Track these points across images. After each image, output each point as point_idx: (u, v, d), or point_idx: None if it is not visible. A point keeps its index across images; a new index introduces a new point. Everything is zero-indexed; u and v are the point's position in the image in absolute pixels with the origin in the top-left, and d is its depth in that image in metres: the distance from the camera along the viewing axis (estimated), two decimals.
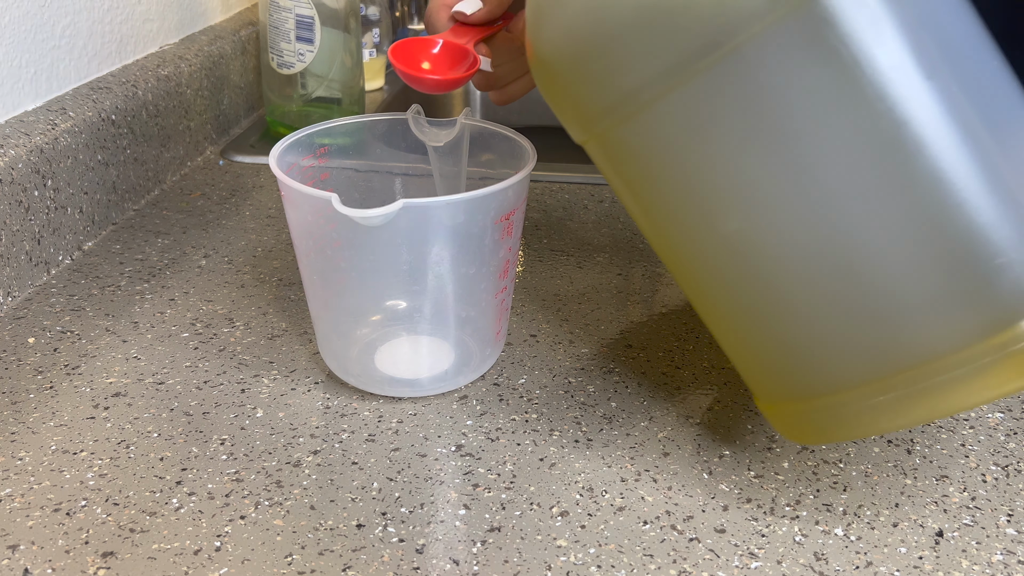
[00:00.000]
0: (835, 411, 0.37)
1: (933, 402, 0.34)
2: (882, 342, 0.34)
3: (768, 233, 0.35)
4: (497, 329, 0.50)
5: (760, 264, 0.35)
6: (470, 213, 0.44)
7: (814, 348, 0.36)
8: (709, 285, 0.38)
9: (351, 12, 0.81)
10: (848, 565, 0.38)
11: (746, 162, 0.34)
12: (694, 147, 0.34)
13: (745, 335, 0.38)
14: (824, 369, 0.36)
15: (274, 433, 0.45)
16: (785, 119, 0.33)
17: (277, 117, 0.83)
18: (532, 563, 0.38)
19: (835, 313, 0.35)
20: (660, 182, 0.36)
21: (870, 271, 0.34)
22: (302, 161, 0.48)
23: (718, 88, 0.33)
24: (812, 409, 0.37)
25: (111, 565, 0.37)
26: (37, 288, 0.58)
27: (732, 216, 0.35)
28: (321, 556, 0.38)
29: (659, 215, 0.38)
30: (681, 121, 0.34)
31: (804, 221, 0.34)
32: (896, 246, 0.33)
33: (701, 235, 0.36)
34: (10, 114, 0.60)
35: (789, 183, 0.33)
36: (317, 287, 0.48)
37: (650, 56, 0.33)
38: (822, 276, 0.34)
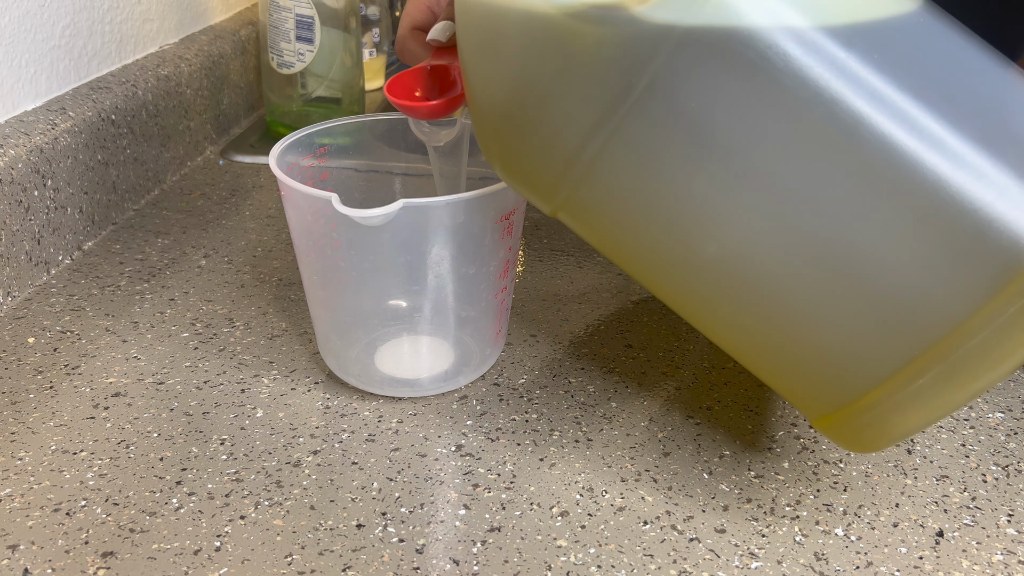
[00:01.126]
0: (884, 407, 0.35)
1: (975, 371, 0.33)
2: (897, 326, 0.33)
3: (745, 248, 0.34)
4: (497, 329, 0.50)
5: (751, 281, 0.35)
6: (470, 213, 0.44)
7: (834, 351, 0.35)
8: (716, 316, 0.38)
9: (351, 12, 0.81)
10: (848, 565, 0.38)
11: (701, 185, 0.34)
12: (648, 184, 0.34)
13: (768, 356, 0.38)
14: (852, 369, 0.35)
15: (274, 433, 0.45)
16: (720, 134, 0.32)
17: (277, 117, 0.83)
18: (532, 563, 0.38)
19: (840, 309, 0.34)
20: (631, 230, 0.36)
21: (858, 257, 0.33)
22: (302, 161, 0.48)
23: (648, 124, 0.33)
24: (859, 412, 0.36)
25: (111, 565, 0.37)
26: (37, 288, 0.58)
27: (707, 241, 0.35)
28: (321, 556, 0.38)
29: (643, 263, 0.38)
30: (627, 166, 0.34)
31: (774, 226, 0.33)
32: (876, 226, 0.32)
33: (688, 269, 0.36)
34: (10, 114, 0.60)
35: (747, 195, 0.33)
36: (317, 287, 0.48)
37: (576, 115, 0.34)
38: (812, 276, 0.34)
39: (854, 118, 0.31)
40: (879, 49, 0.33)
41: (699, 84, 0.32)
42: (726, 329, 0.38)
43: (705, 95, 0.32)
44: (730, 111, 0.32)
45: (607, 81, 0.33)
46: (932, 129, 0.32)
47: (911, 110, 0.32)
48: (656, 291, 0.39)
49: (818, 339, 0.35)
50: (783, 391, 0.39)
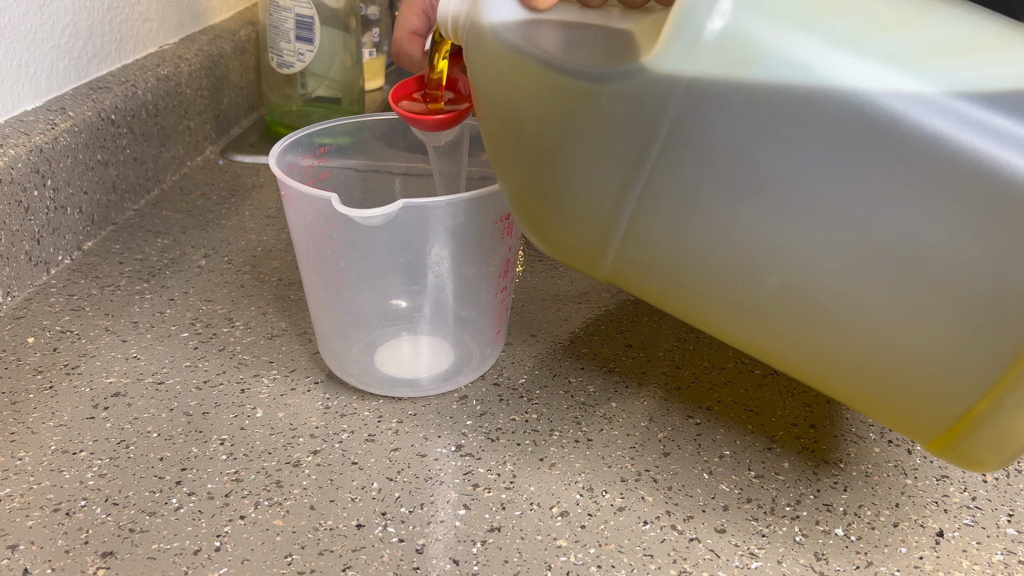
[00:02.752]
0: (997, 416, 0.33)
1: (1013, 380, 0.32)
2: (990, 324, 0.31)
3: (807, 272, 0.33)
4: (497, 329, 0.49)
5: (821, 306, 0.33)
6: (470, 213, 0.44)
7: (928, 364, 0.33)
8: (794, 351, 0.36)
9: (351, 12, 0.80)
10: (848, 565, 0.38)
11: (747, 219, 0.33)
12: (693, 232, 0.34)
13: (859, 383, 0.36)
14: (954, 380, 0.33)
15: (274, 433, 0.45)
16: (754, 167, 0.32)
17: (277, 117, 0.83)
18: (532, 563, 0.38)
19: (924, 319, 0.32)
20: (688, 280, 0.35)
21: (928, 260, 0.31)
22: (302, 161, 0.48)
23: (680, 170, 0.32)
24: (973, 426, 0.34)
25: (111, 565, 0.37)
26: (37, 288, 0.58)
27: (765, 274, 0.33)
28: (321, 556, 0.38)
29: (706, 311, 0.36)
30: (667, 216, 0.34)
31: (832, 244, 0.32)
32: (940, 222, 0.31)
33: (753, 308, 0.35)
34: (10, 114, 0.60)
35: (797, 219, 0.32)
36: (317, 287, 0.48)
37: (604, 176, 0.33)
38: (884, 290, 0.32)
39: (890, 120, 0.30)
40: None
41: (718, 121, 0.31)
42: (807, 362, 0.36)
43: (726, 130, 0.31)
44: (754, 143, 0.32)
45: (628, 135, 0.32)
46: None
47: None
48: (728, 338, 0.37)
49: (907, 356, 0.33)
50: (888, 420, 0.37)
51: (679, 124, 0.32)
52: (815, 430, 0.46)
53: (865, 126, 0.31)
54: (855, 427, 0.47)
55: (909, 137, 0.30)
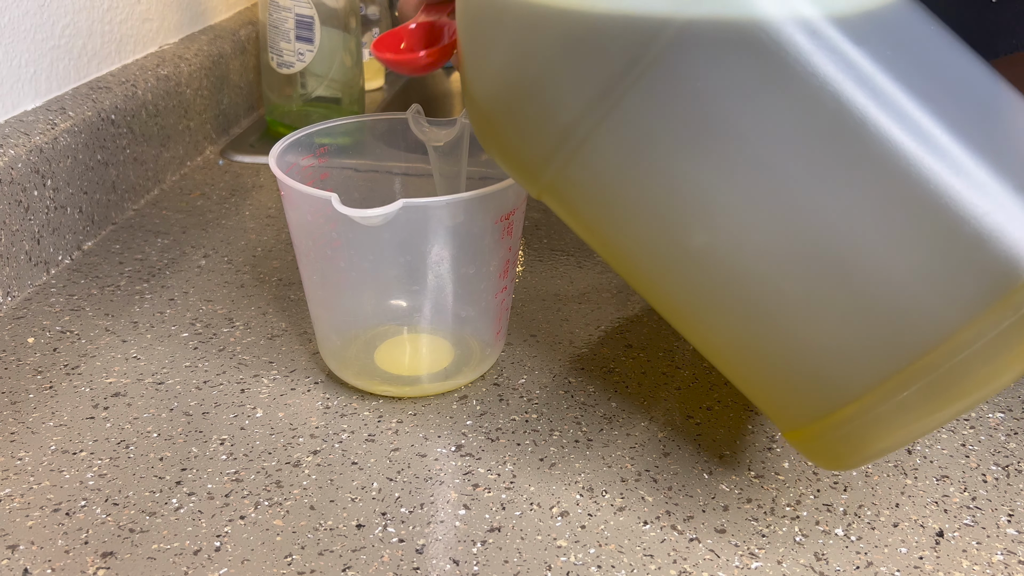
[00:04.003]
0: (863, 421, 0.34)
1: (962, 386, 0.32)
2: (887, 333, 0.32)
3: (736, 241, 0.33)
4: (497, 329, 0.49)
5: (738, 277, 0.34)
6: (470, 213, 0.44)
7: (818, 356, 0.34)
8: (696, 314, 0.36)
9: (351, 12, 0.80)
10: (848, 565, 0.38)
11: (696, 171, 0.33)
12: (640, 169, 0.34)
13: (746, 360, 0.36)
14: (834, 378, 0.34)
15: (274, 433, 0.45)
16: (723, 120, 0.32)
17: (277, 117, 0.83)
18: (532, 563, 0.38)
19: (828, 313, 0.33)
20: (618, 216, 0.35)
21: (852, 260, 0.32)
22: (302, 161, 0.48)
23: (648, 103, 0.32)
24: (838, 425, 0.34)
25: (111, 565, 0.37)
26: (37, 288, 0.58)
27: (697, 230, 0.34)
28: (321, 556, 0.38)
29: (627, 251, 0.37)
30: (621, 146, 0.34)
31: (769, 221, 0.32)
32: (873, 227, 0.31)
33: (672, 260, 0.35)
34: (9, 114, 0.60)
35: (744, 186, 0.32)
36: (317, 287, 0.48)
37: (575, 88, 0.33)
38: (802, 277, 0.33)
39: (860, 117, 0.31)
40: (887, 43, 0.32)
41: (704, 69, 0.31)
42: (704, 328, 0.37)
43: (710, 80, 0.32)
44: (735, 98, 0.32)
45: (608, 58, 0.32)
46: (936, 134, 0.31)
47: (916, 113, 0.31)
48: (637, 284, 0.38)
49: (801, 344, 0.34)
50: (756, 399, 0.38)
51: (661, 59, 0.32)
52: None
53: (777, 60, 0.31)
54: None
55: (801, 73, 0.31)
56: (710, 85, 0.32)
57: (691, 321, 0.37)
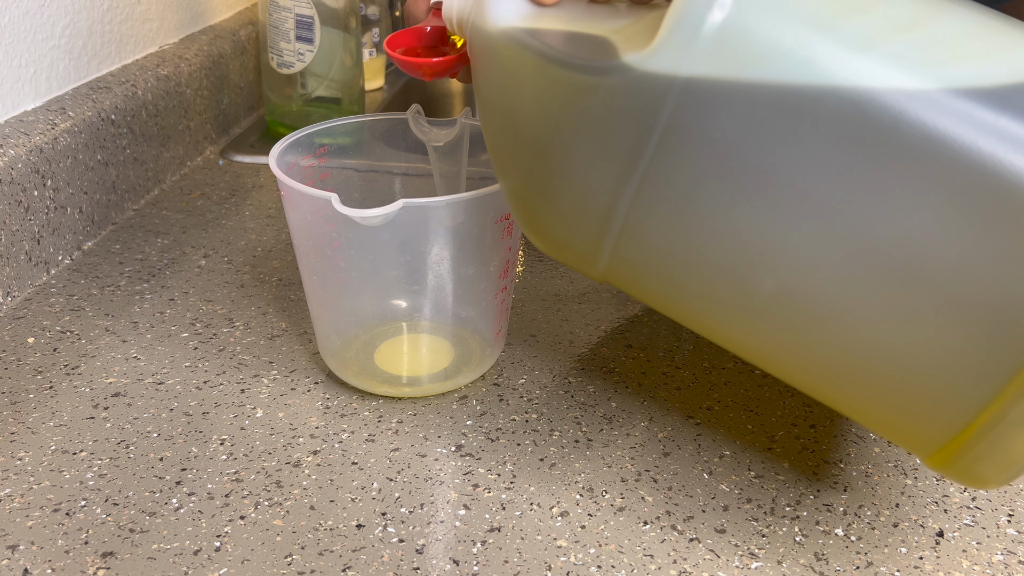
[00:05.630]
0: (999, 430, 0.32)
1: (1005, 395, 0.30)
2: (998, 334, 0.30)
3: (805, 277, 0.32)
4: (497, 329, 0.50)
5: (820, 313, 0.32)
6: (470, 213, 0.44)
7: (930, 373, 0.32)
8: (793, 358, 0.35)
9: (351, 12, 0.80)
10: (848, 565, 0.38)
11: (743, 218, 0.32)
12: (689, 230, 0.33)
13: (859, 396, 0.34)
14: (956, 390, 0.32)
15: (274, 433, 0.45)
16: (749, 165, 0.32)
17: (277, 117, 0.83)
18: (532, 563, 0.38)
19: (926, 327, 0.31)
20: (684, 280, 0.35)
21: (938, 268, 0.30)
22: (302, 161, 0.48)
23: (676, 166, 0.32)
24: (975, 440, 0.32)
25: (111, 565, 0.37)
26: (37, 288, 0.58)
27: (763, 277, 0.33)
28: (321, 556, 0.38)
29: (703, 313, 0.36)
30: (663, 213, 0.33)
31: (830, 248, 0.31)
32: (952, 233, 0.30)
33: (749, 311, 0.34)
34: (10, 114, 0.60)
35: (793, 222, 0.32)
36: (317, 287, 0.48)
37: (600, 170, 0.33)
38: (887, 297, 0.31)
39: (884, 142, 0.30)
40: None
41: (714, 118, 0.31)
42: (806, 369, 0.35)
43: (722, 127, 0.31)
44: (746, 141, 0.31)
45: (624, 130, 0.32)
46: None
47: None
48: (726, 340, 0.37)
49: (907, 362, 0.32)
50: (887, 431, 0.36)
51: (675, 121, 0.32)
52: (815, 430, 0.46)
53: (866, 125, 0.30)
54: (855, 427, 0.47)
55: (910, 136, 0.30)
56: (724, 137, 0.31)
57: (789, 364, 0.36)
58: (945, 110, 0.30)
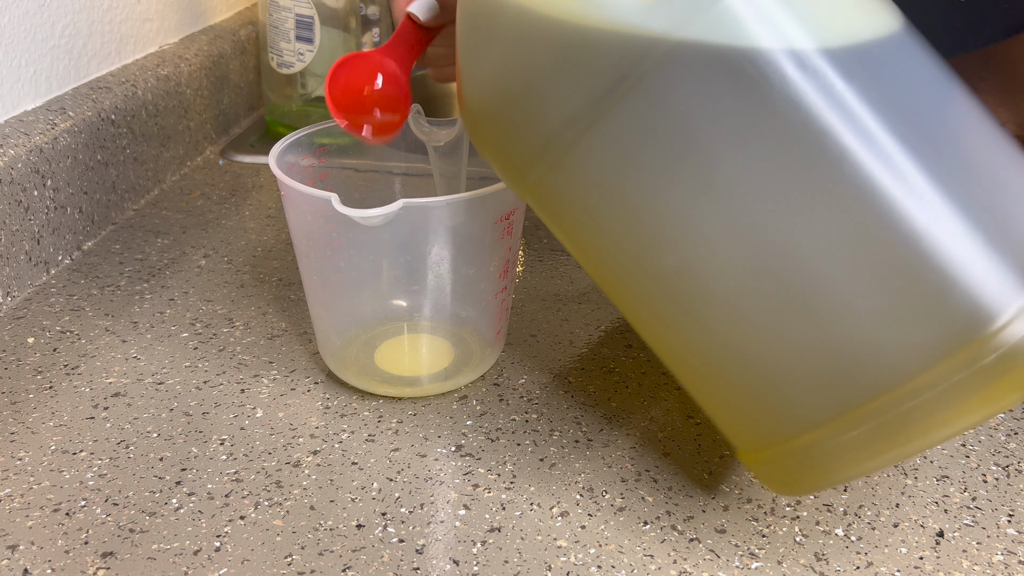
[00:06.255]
0: (812, 453, 0.34)
1: (911, 431, 0.32)
2: (844, 371, 0.33)
3: (707, 264, 0.33)
4: (497, 329, 0.49)
5: (705, 299, 0.34)
6: (470, 213, 0.44)
7: (776, 386, 0.34)
8: (664, 331, 0.37)
9: (351, 12, 0.80)
10: (848, 565, 0.38)
11: (673, 192, 0.33)
12: (620, 183, 0.34)
13: (708, 380, 0.37)
14: (792, 407, 0.34)
15: (274, 433, 0.45)
16: (703, 144, 0.32)
17: (277, 117, 0.83)
18: (532, 563, 0.38)
19: (789, 343, 0.33)
20: (596, 226, 0.36)
21: (817, 294, 0.32)
22: (302, 161, 0.48)
23: (633, 119, 0.33)
24: (787, 453, 0.35)
25: (111, 565, 0.37)
26: (37, 288, 0.58)
27: (669, 250, 0.34)
28: (321, 556, 0.38)
29: (602, 260, 0.37)
30: (604, 158, 0.34)
31: (740, 247, 0.32)
32: (842, 267, 0.31)
33: (644, 275, 0.35)
34: (9, 114, 0.60)
35: (719, 210, 0.32)
36: (317, 287, 0.48)
37: (564, 96, 0.34)
38: (768, 305, 0.33)
39: (840, 152, 0.31)
40: (873, 79, 0.32)
41: (689, 91, 0.32)
42: (669, 343, 0.37)
43: (694, 103, 0.32)
44: (717, 123, 0.32)
45: (601, 66, 0.33)
46: (914, 179, 0.31)
47: (897, 154, 0.31)
48: (610, 293, 0.38)
49: (764, 371, 0.34)
50: (714, 416, 0.38)
51: (648, 78, 0.32)
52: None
53: (763, 90, 0.31)
54: None
55: (785, 104, 0.31)
56: (694, 108, 0.32)
57: (657, 333, 0.37)
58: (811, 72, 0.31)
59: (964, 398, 0.31)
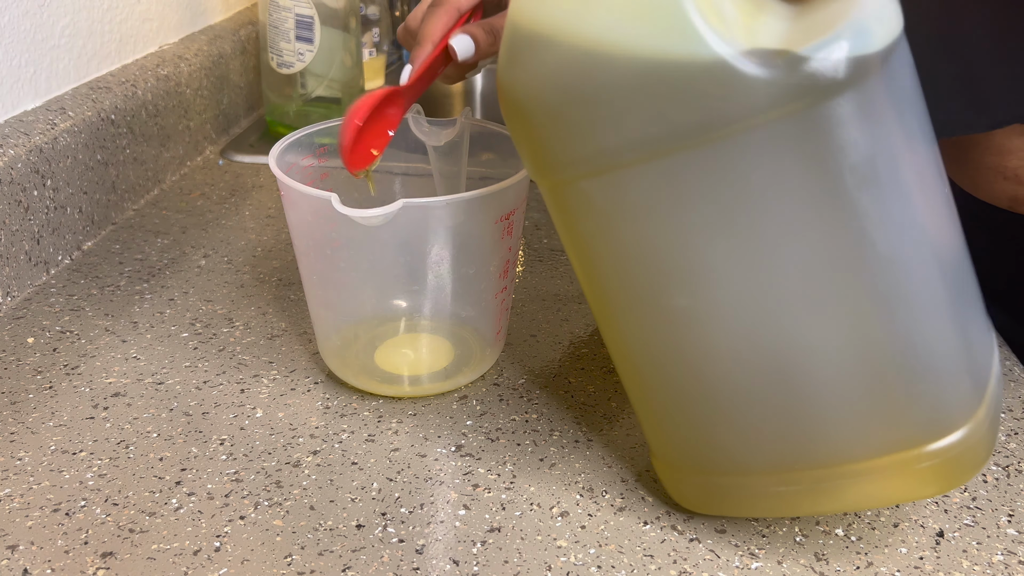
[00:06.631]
0: (735, 490, 0.38)
1: (829, 499, 0.36)
2: (799, 439, 0.35)
3: (713, 317, 0.34)
4: (497, 329, 0.49)
5: (698, 343, 0.35)
6: (470, 213, 0.44)
7: (730, 430, 0.36)
8: (640, 350, 0.37)
9: (351, 11, 0.80)
10: (848, 565, 0.38)
11: (709, 245, 0.33)
12: (660, 218, 0.33)
13: (664, 403, 0.38)
14: (736, 451, 0.37)
15: (274, 433, 0.45)
16: (758, 213, 0.32)
17: (277, 117, 0.83)
18: (532, 563, 0.38)
19: (759, 403, 0.35)
20: (615, 243, 0.35)
21: (801, 373, 0.34)
22: (301, 161, 0.48)
23: (700, 168, 0.32)
24: (711, 483, 0.38)
25: (110, 565, 0.37)
26: (36, 288, 0.58)
27: (682, 293, 0.34)
28: (321, 556, 0.38)
29: (605, 275, 0.36)
30: (653, 190, 0.33)
31: (750, 312, 0.34)
32: (832, 356, 0.34)
33: (645, 303, 0.36)
34: (9, 114, 0.60)
35: (746, 274, 0.33)
36: (317, 287, 0.48)
37: (639, 120, 0.32)
38: (755, 367, 0.35)
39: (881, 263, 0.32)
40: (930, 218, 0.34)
41: (771, 161, 0.31)
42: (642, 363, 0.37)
43: (769, 173, 0.31)
44: (781, 199, 0.32)
45: (692, 109, 0.31)
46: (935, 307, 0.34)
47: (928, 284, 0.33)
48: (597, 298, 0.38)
49: (724, 413, 0.36)
50: (649, 427, 0.40)
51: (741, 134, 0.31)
52: None
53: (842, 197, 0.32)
54: None
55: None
56: (762, 180, 0.32)
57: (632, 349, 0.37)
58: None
59: (888, 488, 0.35)
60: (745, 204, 0.32)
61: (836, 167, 0.31)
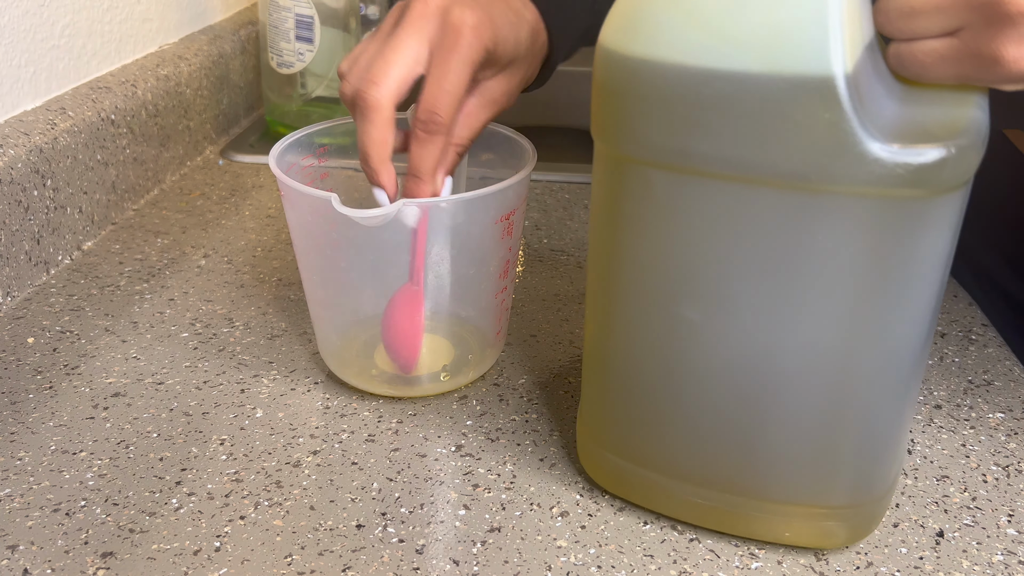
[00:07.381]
0: (653, 486, 0.39)
1: (737, 523, 0.38)
2: (739, 464, 0.37)
3: (717, 337, 0.35)
4: (497, 329, 0.49)
5: (689, 354, 0.36)
6: (470, 213, 0.44)
7: (680, 435, 0.37)
8: (628, 336, 0.37)
9: (351, 11, 0.80)
10: (848, 565, 0.38)
11: (743, 275, 0.33)
12: (710, 233, 0.33)
13: (626, 390, 0.38)
14: (674, 454, 0.38)
15: (274, 433, 0.45)
16: (805, 267, 0.32)
17: (277, 117, 0.83)
18: (532, 563, 0.38)
19: (720, 421, 0.36)
20: (653, 236, 0.35)
21: (770, 408, 0.35)
22: (302, 161, 0.48)
23: (771, 207, 0.32)
24: (634, 472, 0.39)
25: (110, 565, 0.37)
26: (36, 288, 0.58)
27: (696, 307, 0.35)
28: (321, 556, 0.38)
29: (628, 260, 0.36)
30: (716, 206, 0.33)
31: (751, 345, 0.34)
32: (803, 407, 0.35)
33: (654, 301, 0.36)
34: (9, 114, 0.60)
35: (764, 312, 0.34)
36: (317, 287, 0.48)
37: (740, 141, 0.31)
38: (733, 390, 0.35)
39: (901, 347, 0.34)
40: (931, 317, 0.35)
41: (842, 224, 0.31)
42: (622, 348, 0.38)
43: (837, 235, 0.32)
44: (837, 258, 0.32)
45: (794, 150, 0.31)
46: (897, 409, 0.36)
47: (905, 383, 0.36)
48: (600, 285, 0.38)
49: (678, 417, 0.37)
50: (590, 404, 0.40)
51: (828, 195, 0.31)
52: None
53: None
54: None
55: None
56: (825, 237, 0.32)
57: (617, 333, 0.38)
58: None
59: (795, 531, 0.38)
60: (797, 254, 0.32)
61: (899, 259, 0.32)
